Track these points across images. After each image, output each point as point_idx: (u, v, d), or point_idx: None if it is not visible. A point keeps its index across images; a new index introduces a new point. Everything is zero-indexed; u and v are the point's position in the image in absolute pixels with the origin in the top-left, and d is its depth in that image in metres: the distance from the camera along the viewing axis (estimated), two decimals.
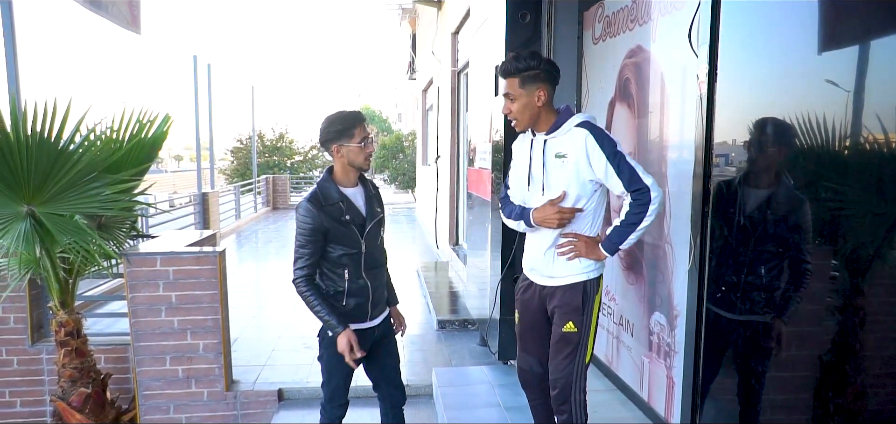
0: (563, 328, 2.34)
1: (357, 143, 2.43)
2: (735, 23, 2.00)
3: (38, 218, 3.39)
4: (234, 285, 7.06)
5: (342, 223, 2.43)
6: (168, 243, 4.39)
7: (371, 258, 2.54)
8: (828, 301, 1.27)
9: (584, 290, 2.33)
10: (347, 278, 2.48)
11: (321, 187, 2.46)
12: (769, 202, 1.65)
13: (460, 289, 6.48)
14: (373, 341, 2.63)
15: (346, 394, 2.67)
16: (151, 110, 3.94)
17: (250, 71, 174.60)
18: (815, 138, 1.31)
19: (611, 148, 2.20)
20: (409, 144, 21.66)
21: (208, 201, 11.27)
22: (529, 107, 2.30)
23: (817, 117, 1.24)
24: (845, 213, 1.24)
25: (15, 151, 3.25)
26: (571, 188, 2.28)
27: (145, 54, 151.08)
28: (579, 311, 2.32)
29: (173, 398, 4.00)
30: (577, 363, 2.34)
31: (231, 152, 22.68)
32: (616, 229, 2.25)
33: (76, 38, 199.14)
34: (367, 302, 2.55)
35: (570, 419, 2.36)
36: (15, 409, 4.42)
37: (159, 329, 3.93)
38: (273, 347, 4.92)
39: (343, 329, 2.44)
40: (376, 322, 2.63)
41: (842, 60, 1.22)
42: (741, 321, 1.92)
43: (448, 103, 8.30)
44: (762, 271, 1.70)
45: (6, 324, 4.37)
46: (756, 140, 1.77)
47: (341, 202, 2.44)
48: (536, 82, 2.28)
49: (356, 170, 2.51)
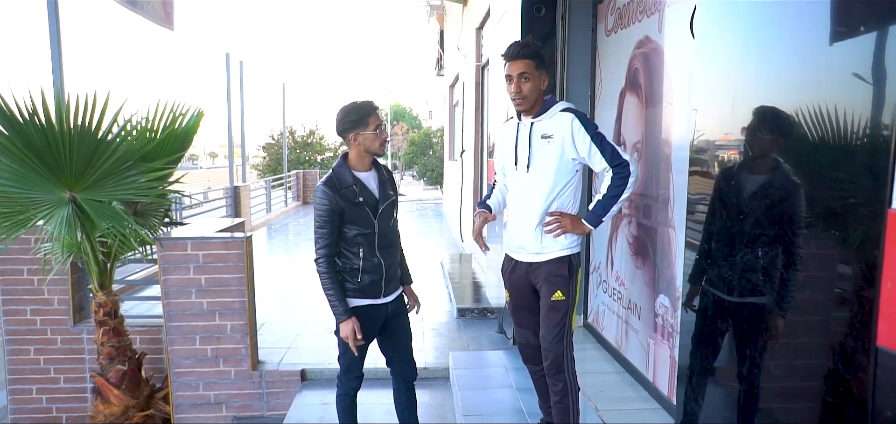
0: (552, 297, 2.52)
1: (372, 130, 2.58)
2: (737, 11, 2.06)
3: (79, 204, 3.62)
4: (264, 274, 7.32)
5: (356, 205, 2.58)
6: (198, 229, 4.62)
7: (384, 238, 2.68)
8: (836, 291, 1.29)
9: (569, 263, 2.53)
10: (362, 256, 2.63)
11: (336, 172, 2.62)
12: (766, 188, 1.72)
13: (482, 279, 6.60)
14: (386, 317, 2.78)
15: (360, 367, 2.82)
16: (183, 104, 4.16)
17: (281, 68, 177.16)
18: (825, 129, 1.31)
19: (594, 130, 2.44)
20: (437, 141, 21.83)
21: (240, 195, 11.60)
22: (536, 89, 2.49)
23: (828, 107, 1.25)
24: (853, 202, 1.24)
25: (59, 141, 3.47)
26: (553, 165, 2.47)
27: (179, 51, 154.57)
28: (566, 280, 2.52)
29: (202, 375, 4.22)
30: (566, 330, 2.52)
31: (263, 148, 23.19)
32: (599, 203, 2.46)
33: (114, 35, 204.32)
34: (380, 279, 2.68)
35: (564, 387, 2.51)
36: (59, 385, 4.71)
37: (190, 310, 4.15)
38: (298, 331, 5.12)
39: (348, 318, 2.61)
40: (389, 299, 2.77)
41: (856, 49, 1.20)
42: (736, 303, 1.97)
43: (473, 98, 8.41)
44: (759, 253, 1.76)
45: (51, 305, 4.66)
46: (754, 127, 1.84)
47: (355, 185, 2.60)
48: (544, 68, 2.50)
49: (371, 155, 2.66)
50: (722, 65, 1.88)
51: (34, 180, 3.52)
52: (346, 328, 2.61)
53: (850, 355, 1.11)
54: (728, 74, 1.85)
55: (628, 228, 3.47)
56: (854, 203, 1.17)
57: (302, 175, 17.42)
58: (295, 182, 16.96)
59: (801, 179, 1.46)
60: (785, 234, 1.53)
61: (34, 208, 3.60)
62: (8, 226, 3.57)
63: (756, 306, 1.60)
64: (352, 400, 2.88)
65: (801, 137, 1.38)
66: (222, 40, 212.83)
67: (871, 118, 1.11)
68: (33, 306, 4.63)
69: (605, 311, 3.88)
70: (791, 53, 1.42)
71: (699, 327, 1.87)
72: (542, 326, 2.56)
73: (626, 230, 3.51)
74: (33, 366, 4.67)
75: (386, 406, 3.00)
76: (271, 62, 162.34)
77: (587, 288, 4.26)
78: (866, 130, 1.12)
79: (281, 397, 4.27)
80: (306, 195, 17.24)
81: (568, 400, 2.53)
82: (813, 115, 1.31)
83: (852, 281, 1.18)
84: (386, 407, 3.02)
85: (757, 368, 1.51)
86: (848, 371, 1.12)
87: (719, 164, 1.94)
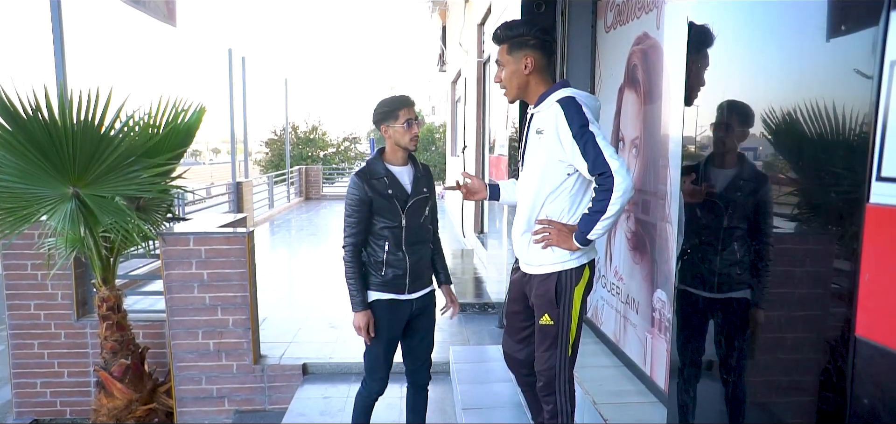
0: (540, 321, 2.27)
1: (401, 124, 2.57)
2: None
3: (83, 199, 3.65)
4: (266, 269, 7.36)
5: (385, 197, 2.57)
6: (201, 224, 4.65)
7: (412, 234, 2.64)
8: (811, 283, 1.31)
9: (557, 281, 2.19)
10: (387, 250, 2.61)
11: (369, 163, 2.64)
12: (735, 181, 1.73)
13: (483, 275, 6.63)
14: (410, 314, 2.74)
15: (386, 369, 2.77)
16: (186, 99, 4.19)
17: (284, 64, 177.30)
18: (800, 124, 1.33)
19: (578, 126, 2.02)
20: (440, 137, 21.85)
21: (242, 190, 11.65)
22: (517, 75, 2.21)
23: (814, 104, 1.25)
24: (835, 196, 1.26)
25: (62, 136, 3.50)
26: (541, 166, 2.17)
27: (182, 47, 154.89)
28: (553, 304, 2.21)
29: (205, 370, 4.26)
30: (559, 355, 2.25)
31: (265, 144, 23.25)
32: (584, 218, 2.08)
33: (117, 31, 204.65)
34: (404, 275, 2.65)
35: (555, 408, 2.31)
36: (63, 379, 4.75)
37: (192, 305, 4.19)
38: (299, 326, 5.16)
39: (363, 310, 2.61)
40: (414, 297, 2.71)
41: (852, 44, 1.19)
42: (718, 299, 1.97)
43: (474, 94, 8.44)
44: (735, 247, 1.76)
45: (55, 300, 4.70)
46: (722, 122, 1.82)
47: (386, 177, 2.59)
48: (524, 49, 2.18)
49: (403, 149, 2.64)
50: (717, 61, 1.90)
51: (37, 175, 3.55)
52: (359, 319, 2.60)
53: (833, 346, 1.14)
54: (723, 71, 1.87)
55: (627, 223, 3.49)
56: (836, 197, 1.20)
57: (304, 171, 17.47)
58: (297, 178, 17.01)
59: (779, 173, 1.49)
60: (758, 226, 1.54)
61: (37, 204, 3.63)
62: (12, 221, 3.60)
63: (734, 300, 1.62)
64: (371, 403, 2.83)
65: (788, 132, 1.40)
66: (225, 36, 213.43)
67: (853, 114, 1.13)
68: (37, 300, 4.68)
69: (603, 306, 3.90)
70: (785, 49, 1.44)
71: (681, 323, 1.89)
72: (536, 346, 2.33)
73: (624, 226, 3.53)
74: (37, 360, 4.72)
75: (385, 399, 3.02)
76: (274, 58, 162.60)
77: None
78: (848, 126, 1.15)
79: (283, 391, 4.31)
80: (309, 191, 17.30)
81: (557, 421, 2.31)
82: (793, 111, 1.33)
83: (832, 274, 1.20)
84: (386, 401, 3.04)
85: (739, 361, 1.53)
86: (827, 362, 1.15)
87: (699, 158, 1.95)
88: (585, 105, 2.10)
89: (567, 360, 2.27)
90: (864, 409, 1.02)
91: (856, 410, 1.04)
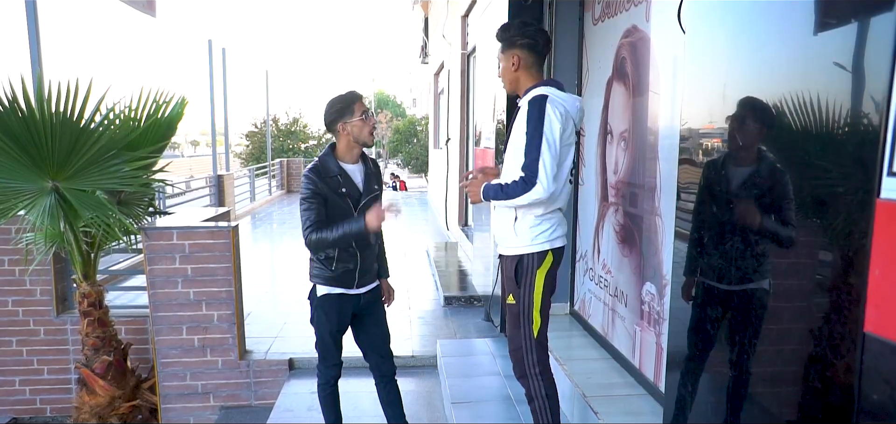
0: (507, 301, 2.44)
1: (358, 118, 2.57)
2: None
3: (62, 193, 3.57)
4: (249, 263, 7.27)
5: (339, 195, 2.58)
6: (184, 218, 4.58)
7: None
8: (819, 278, 1.30)
9: (519, 262, 2.36)
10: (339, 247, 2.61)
11: (322, 160, 2.61)
12: (753, 178, 1.73)
13: (468, 268, 6.63)
14: (359, 308, 2.78)
15: (338, 355, 2.82)
16: (167, 92, 4.11)
17: (265, 55, 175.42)
18: (808, 119, 1.33)
19: (534, 127, 2.20)
20: (422, 129, 21.80)
21: (223, 183, 11.50)
22: (508, 72, 2.43)
23: (818, 98, 1.25)
24: (841, 191, 1.26)
25: (40, 129, 3.41)
26: (513, 158, 2.31)
27: (161, 38, 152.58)
28: (515, 283, 2.37)
29: (189, 366, 4.19)
30: (524, 335, 2.38)
31: (246, 136, 23.01)
32: (496, 186, 2.32)
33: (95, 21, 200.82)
34: (354, 270, 2.68)
35: (530, 392, 2.43)
36: (43, 376, 4.66)
37: (176, 300, 4.12)
38: (285, 320, 5.11)
39: (363, 217, 2.52)
40: (362, 291, 2.76)
41: (839, 39, 1.21)
42: (729, 291, 1.98)
43: (458, 86, 8.41)
44: (751, 241, 1.77)
45: (33, 296, 4.60)
46: (739, 118, 1.84)
47: (339, 176, 2.59)
48: (513, 48, 2.40)
49: (360, 145, 2.64)
50: (708, 55, 1.89)
51: (15, 169, 3.46)
52: (372, 221, 2.49)
53: (837, 341, 1.14)
54: (713, 65, 1.87)
55: (615, 216, 3.50)
56: (842, 192, 1.20)
57: (286, 163, 17.31)
58: (279, 170, 16.86)
59: (788, 168, 1.48)
60: (776, 220, 1.54)
61: (15, 198, 3.54)
62: None
63: (747, 292, 1.62)
64: (333, 390, 2.87)
65: (788, 126, 1.40)
66: (205, 27, 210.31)
67: (862, 109, 1.13)
68: (15, 297, 4.58)
69: (591, 299, 3.92)
70: (778, 42, 1.44)
71: (695, 316, 1.89)
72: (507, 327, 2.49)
73: (612, 219, 3.54)
74: (16, 358, 4.62)
75: (374, 394, 3.00)
76: (254, 49, 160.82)
77: (574, 276, 4.30)
78: (855, 122, 1.14)
79: (269, 386, 4.26)
80: (290, 184, 17.15)
81: (535, 406, 2.43)
82: (801, 105, 1.33)
83: (840, 269, 1.20)
84: (373, 396, 3.02)
85: (746, 355, 1.54)
86: (835, 357, 1.15)
87: (704, 152, 1.96)
88: (555, 106, 2.24)
89: (533, 341, 2.39)
90: (872, 405, 1.03)
91: (864, 406, 1.05)
